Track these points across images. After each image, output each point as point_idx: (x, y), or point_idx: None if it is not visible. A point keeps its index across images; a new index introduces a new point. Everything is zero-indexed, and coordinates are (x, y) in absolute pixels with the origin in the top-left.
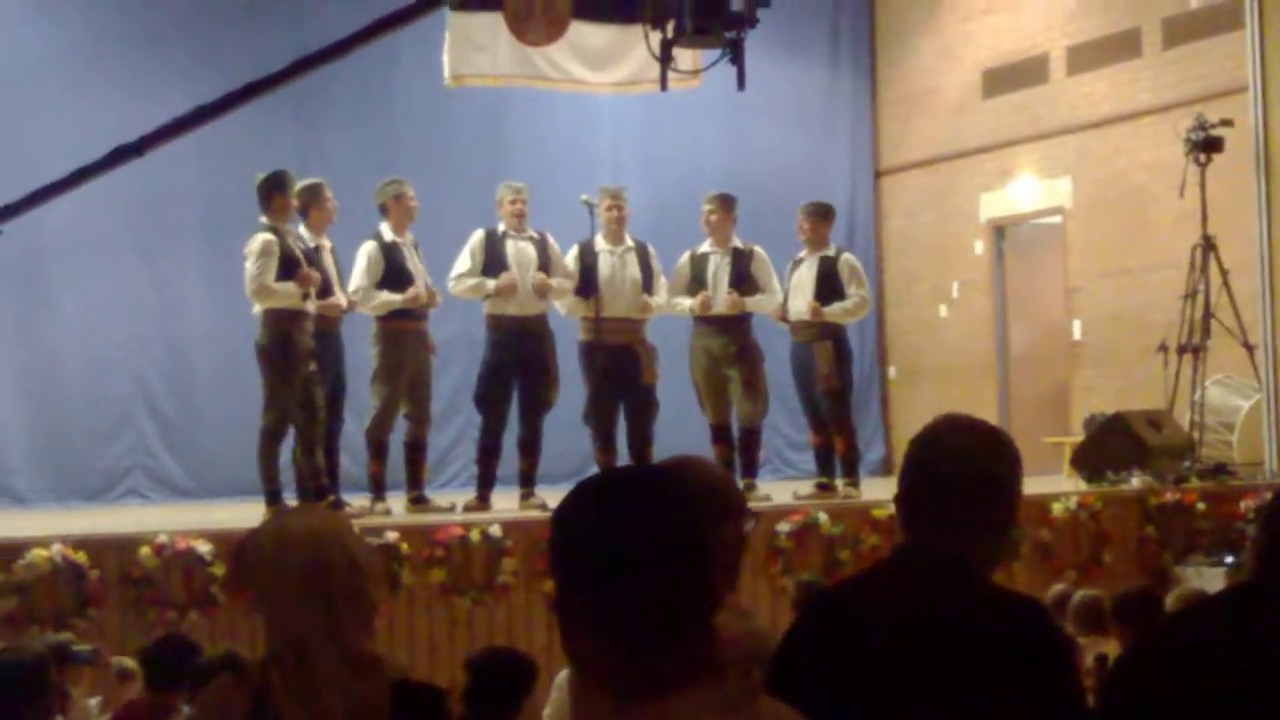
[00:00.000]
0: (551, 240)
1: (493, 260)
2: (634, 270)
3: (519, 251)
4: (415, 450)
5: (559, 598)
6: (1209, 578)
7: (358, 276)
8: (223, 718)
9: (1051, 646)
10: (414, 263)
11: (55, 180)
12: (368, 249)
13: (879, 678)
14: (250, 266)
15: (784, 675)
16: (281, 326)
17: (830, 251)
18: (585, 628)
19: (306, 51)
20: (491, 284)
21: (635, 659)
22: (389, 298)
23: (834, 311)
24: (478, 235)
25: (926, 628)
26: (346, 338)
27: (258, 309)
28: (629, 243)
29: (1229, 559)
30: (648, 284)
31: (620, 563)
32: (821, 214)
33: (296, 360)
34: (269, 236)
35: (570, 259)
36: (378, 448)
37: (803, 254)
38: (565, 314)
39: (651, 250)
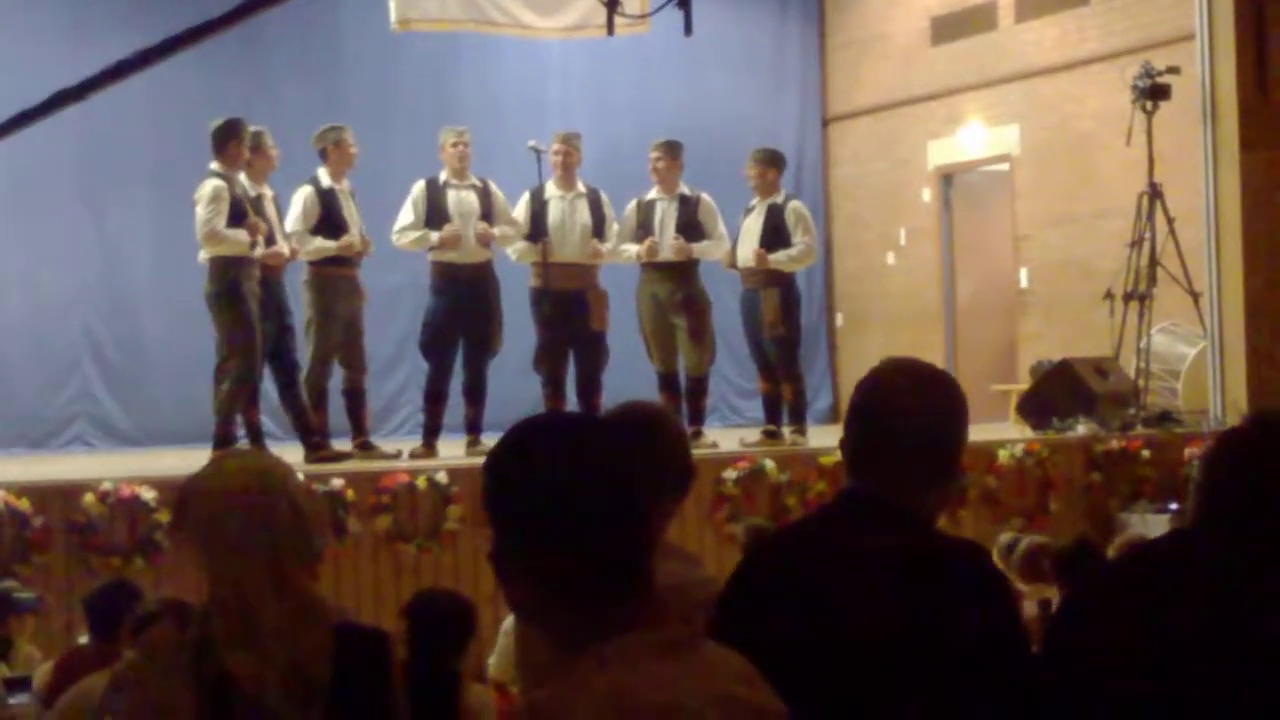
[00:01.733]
0: (494, 188)
1: (435, 211)
2: (584, 216)
3: (461, 200)
4: (355, 397)
5: (495, 544)
6: (1154, 525)
7: (293, 220)
8: (165, 664)
9: (992, 589)
10: (350, 210)
11: None
12: (304, 194)
13: (822, 624)
14: (201, 211)
15: (727, 619)
16: (229, 274)
17: (779, 199)
18: (521, 574)
19: None
20: (435, 236)
21: (572, 604)
22: (323, 244)
23: (780, 259)
24: (419, 186)
25: (866, 573)
26: (290, 288)
27: (204, 257)
28: (580, 189)
29: (1173, 506)
30: (599, 230)
31: (552, 507)
32: (770, 160)
33: (246, 306)
34: (219, 183)
35: (521, 205)
36: (317, 396)
37: (754, 201)
38: (515, 259)
39: (604, 197)
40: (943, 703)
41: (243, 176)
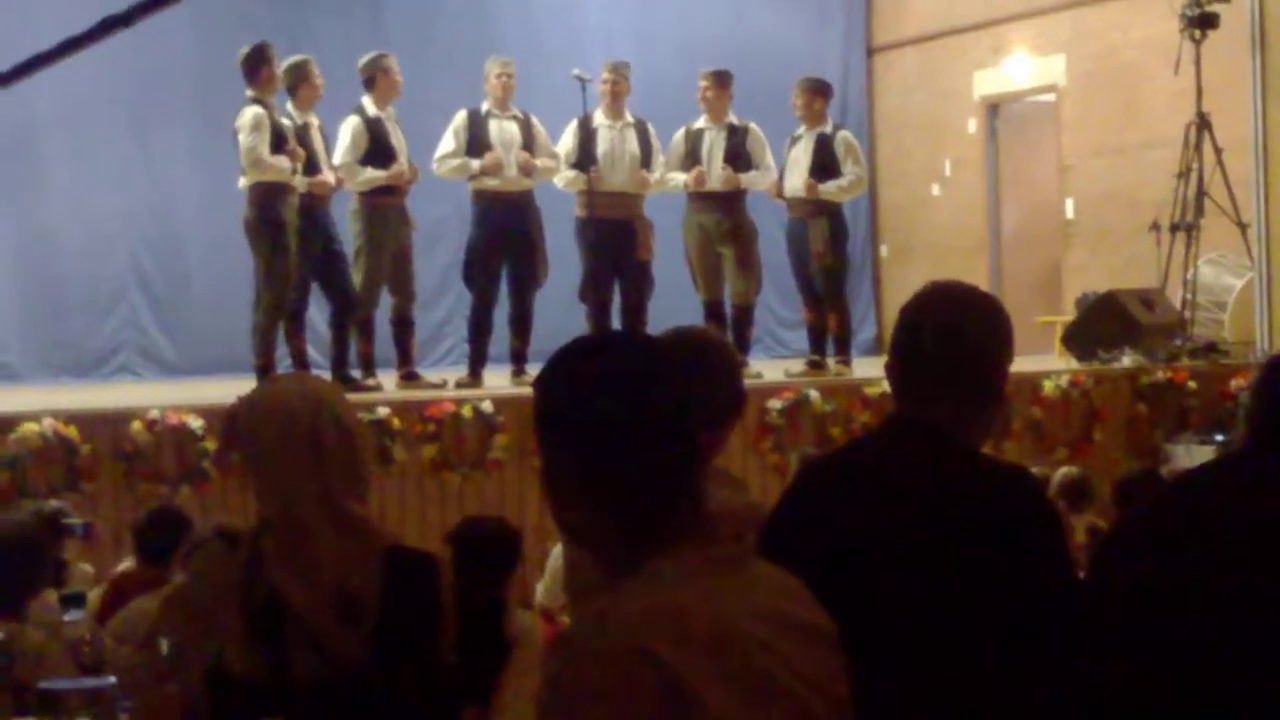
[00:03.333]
0: (535, 120)
1: (476, 140)
2: (633, 145)
3: (502, 130)
4: (402, 327)
5: (544, 463)
6: (1199, 456)
7: (342, 152)
8: (215, 584)
9: (1039, 514)
10: (397, 138)
11: (42, 51)
12: (352, 124)
13: (869, 544)
14: (245, 139)
15: (775, 540)
16: (268, 200)
17: (827, 129)
18: (572, 493)
19: None
20: (476, 164)
21: (623, 524)
22: (374, 174)
23: (829, 189)
24: (461, 115)
25: (915, 495)
26: (335, 215)
27: (244, 184)
28: (629, 118)
29: (1219, 437)
30: (646, 160)
31: (605, 422)
32: (817, 90)
33: (285, 234)
34: (259, 110)
35: (568, 133)
36: (364, 325)
37: (800, 130)
38: (562, 187)
39: (651, 128)
40: (989, 625)
41: (290, 106)
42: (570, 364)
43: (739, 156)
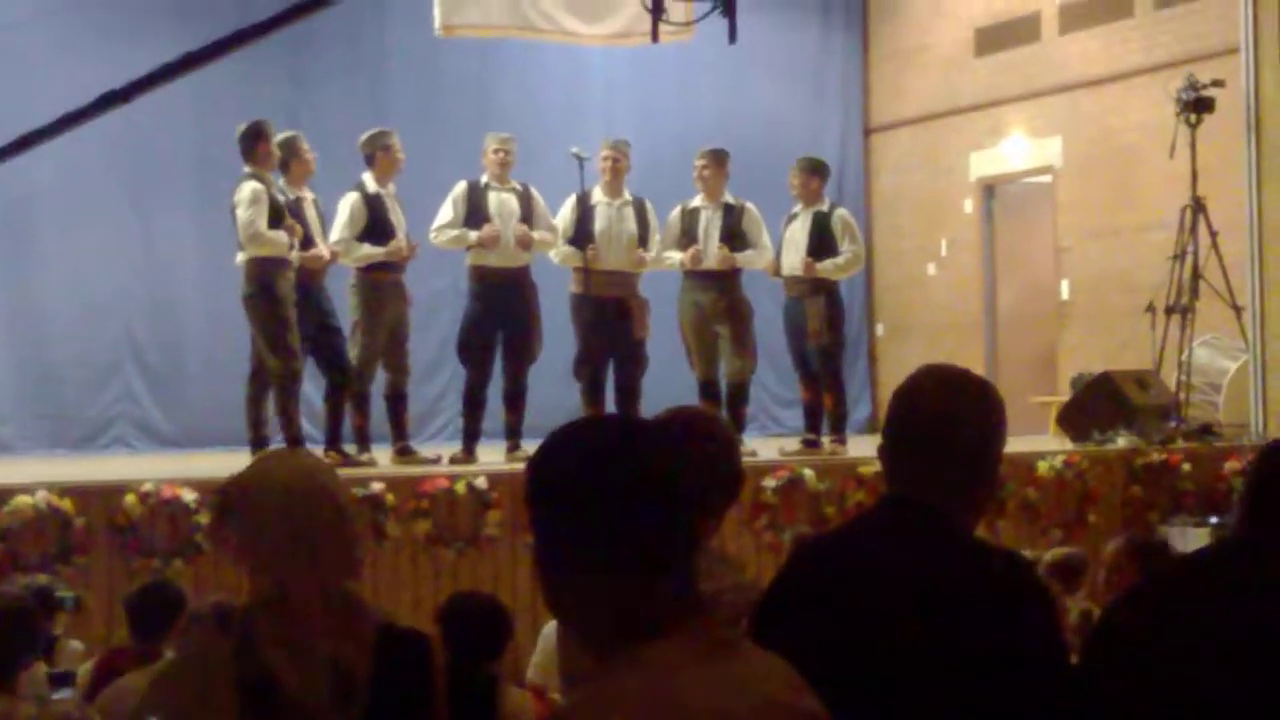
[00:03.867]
0: (534, 192)
1: (475, 211)
2: (630, 224)
3: (501, 203)
4: (397, 401)
5: (537, 542)
6: (1193, 538)
7: (340, 228)
8: (206, 663)
9: (1034, 598)
10: (396, 214)
11: (41, 126)
12: (350, 200)
13: (861, 628)
14: (243, 214)
15: (768, 623)
16: (266, 275)
17: (824, 207)
18: (564, 574)
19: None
20: (474, 235)
21: (614, 605)
22: (370, 250)
23: (827, 267)
24: (460, 186)
25: (908, 579)
26: (330, 290)
27: (241, 259)
28: (627, 196)
29: (1214, 519)
30: (643, 239)
31: (598, 503)
32: (814, 169)
33: (282, 308)
34: (257, 185)
35: (566, 209)
36: (359, 400)
37: (797, 209)
38: (558, 262)
39: (649, 205)
40: (983, 710)
41: (281, 181)
42: (564, 445)
43: (735, 235)
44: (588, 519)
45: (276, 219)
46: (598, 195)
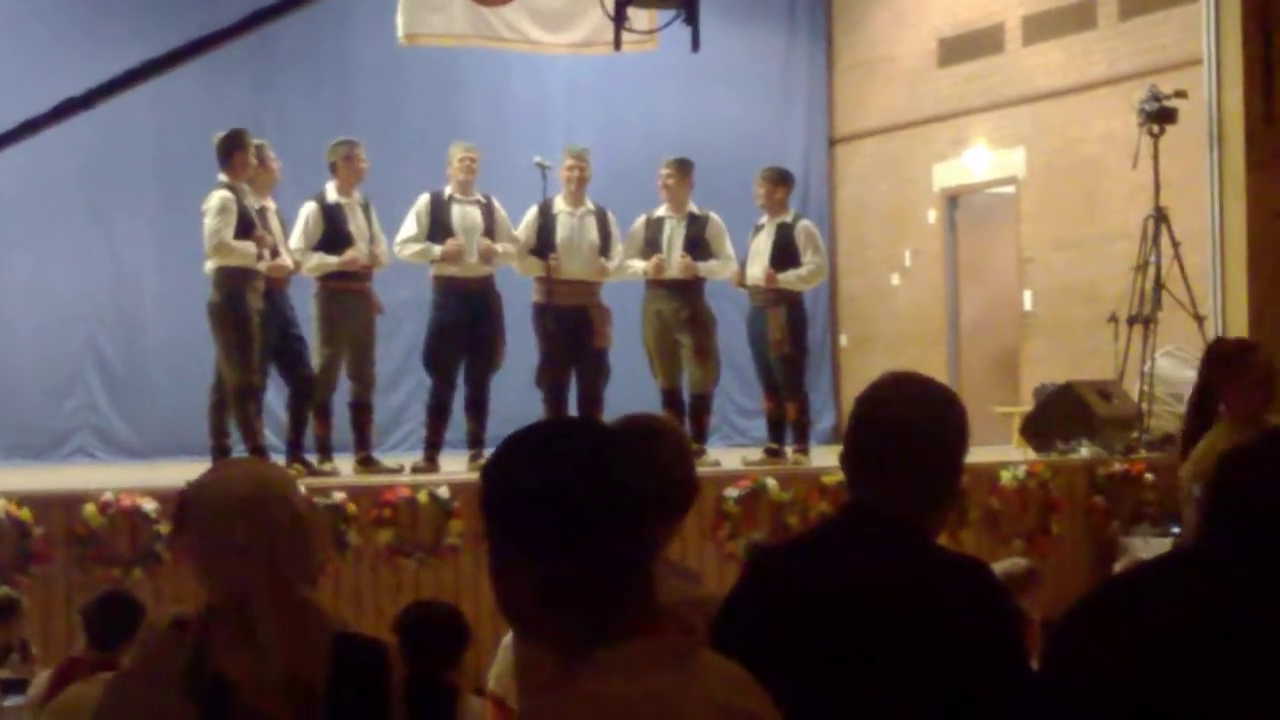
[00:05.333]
0: (498, 204)
1: (438, 225)
2: (592, 233)
3: (465, 215)
4: (360, 411)
5: (492, 552)
6: (1156, 548)
7: (295, 238)
8: (161, 670)
9: (994, 606)
10: (357, 224)
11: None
12: (307, 210)
13: (821, 635)
14: (210, 223)
15: (726, 631)
16: (234, 285)
17: (788, 218)
18: (518, 581)
19: (259, 6)
20: (437, 250)
21: (570, 612)
22: (324, 260)
23: (789, 278)
24: (423, 199)
25: (868, 586)
26: (294, 300)
27: (209, 267)
28: (589, 205)
29: (1176, 529)
30: (605, 248)
31: (552, 509)
32: (779, 179)
33: (249, 319)
34: (227, 194)
35: (529, 218)
36: (321, 409)
37: (763, 219)
38: (521, 273)
39: (611, 215)
40: (941, 714)
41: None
42: (519, 451)
43: (698, 245)
44: (544, 531)
45: (247, 229)
46: (560, 204)
